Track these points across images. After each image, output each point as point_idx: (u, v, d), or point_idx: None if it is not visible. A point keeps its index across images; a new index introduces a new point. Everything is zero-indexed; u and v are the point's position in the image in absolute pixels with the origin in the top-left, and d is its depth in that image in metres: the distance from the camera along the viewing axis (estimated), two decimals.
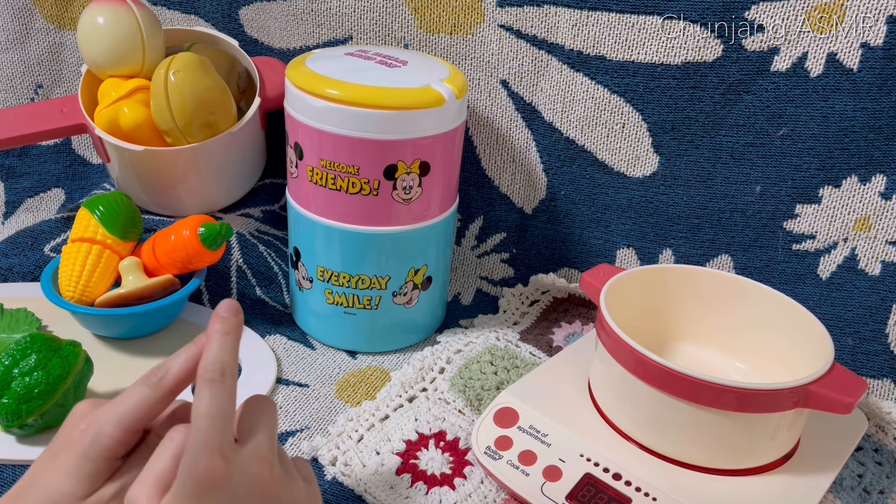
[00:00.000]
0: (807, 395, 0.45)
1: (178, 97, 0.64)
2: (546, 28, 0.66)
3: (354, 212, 0.59)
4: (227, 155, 0.71)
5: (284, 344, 0.65)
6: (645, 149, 0.67)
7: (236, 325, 0.38)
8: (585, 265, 0.73)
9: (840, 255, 0.64)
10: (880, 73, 0.59)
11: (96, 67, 0.68)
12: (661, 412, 0.48)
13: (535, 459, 0.50)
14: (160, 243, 0.62)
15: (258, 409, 0.39)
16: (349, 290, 0.62)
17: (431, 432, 0.55)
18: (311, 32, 0.73)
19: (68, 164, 0.82)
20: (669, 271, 0.58)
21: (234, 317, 0.38)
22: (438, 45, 0.69)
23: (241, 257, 0.70)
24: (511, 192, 0.74)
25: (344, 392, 0.60)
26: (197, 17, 0.77)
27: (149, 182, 0.71)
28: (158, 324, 0.63)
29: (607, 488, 0.47)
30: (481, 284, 0.77)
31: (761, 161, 0.64)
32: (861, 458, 0.55)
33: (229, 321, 0.38)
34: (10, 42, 0.79)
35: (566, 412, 0.53)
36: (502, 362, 0.62)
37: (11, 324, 0.61)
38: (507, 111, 0.70)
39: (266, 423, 0.38)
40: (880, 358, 0.63)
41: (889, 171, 0.61)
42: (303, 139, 0.58)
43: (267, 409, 0.39)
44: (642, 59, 0.64)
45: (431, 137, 0.57)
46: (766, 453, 0.49)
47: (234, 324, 0.38)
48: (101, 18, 0.66)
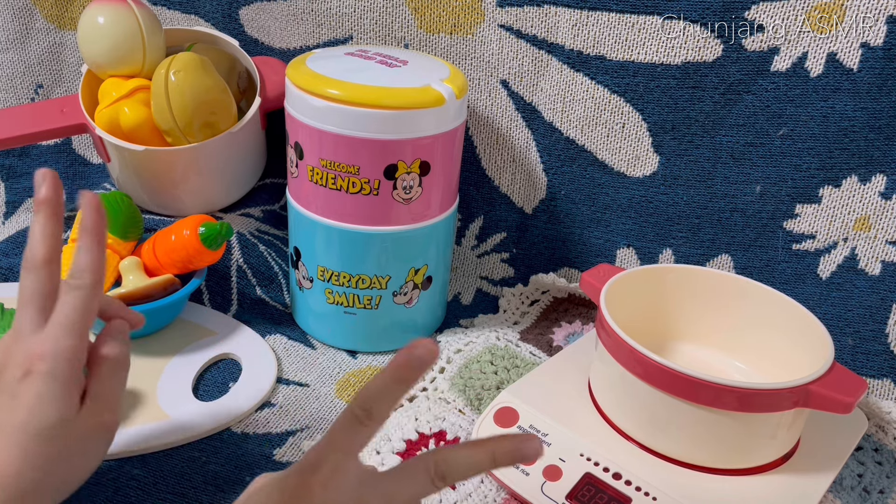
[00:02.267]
0: (807, 394, 0.45)
1: (178, 97, 0.64)
2: (546, 28, 0.66)
3: (355, 211, 0.59)
4: (227, 155, 0.71)
5: (285, 343, 0.65)
6: (645, 149, 0.67)
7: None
8: (585, 265, 0.73)
9: (840, 255, 0.64)
10: (880, 73, 0.59)
11: (97, 67, 0.68)
12: (662, 412, 0.48)
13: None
14: (160, 243, 0.62)
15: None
16: (349, 290, 0.62)
17: (432, 432, 0.55)
18: (311, 32, 0.73)
19: (69, 164, 0.82)
20: (669, 271, 0.58)
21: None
22: (438, 45, 0.69)
23: (241, 257, 0.70)
24: (511, 191, 0.74)
25: (344, 392, 0.60)
26: (197, 17, 0.77)
27: (149, 182, 0.71)
28: (158, 323, 0.63)
29: (607, 488, 0.47)
30: (481, 284, 0.77)
31: (761, 161, 0.64)
32: (861, 457, 0.55)
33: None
34: (11, 42, 0.79)
35: (566, 412, 0.53)
36: (502, 362, 0.62)
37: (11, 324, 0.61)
38: (507, 111, 0.70)
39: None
40: (880, 358, 0.63)
41: (889, 171, 0.61)
42: (303, 139, 0.58)
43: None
44: (642, 59, 0.64)
45: (431, 137, 0.57)
46: (766, 453, 0.49)
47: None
48: (102, 18, 0.66)
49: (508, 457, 0.36)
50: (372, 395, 0.35)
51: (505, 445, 0.36)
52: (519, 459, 0.36)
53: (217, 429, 0.54)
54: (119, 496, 0.48)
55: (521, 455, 0.36)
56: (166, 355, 0.61)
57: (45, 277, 0.39)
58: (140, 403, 0.55)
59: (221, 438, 0.54)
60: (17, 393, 0.36)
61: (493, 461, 0.36)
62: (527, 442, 0.36)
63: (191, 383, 0.58)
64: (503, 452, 0.36)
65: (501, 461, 0.36)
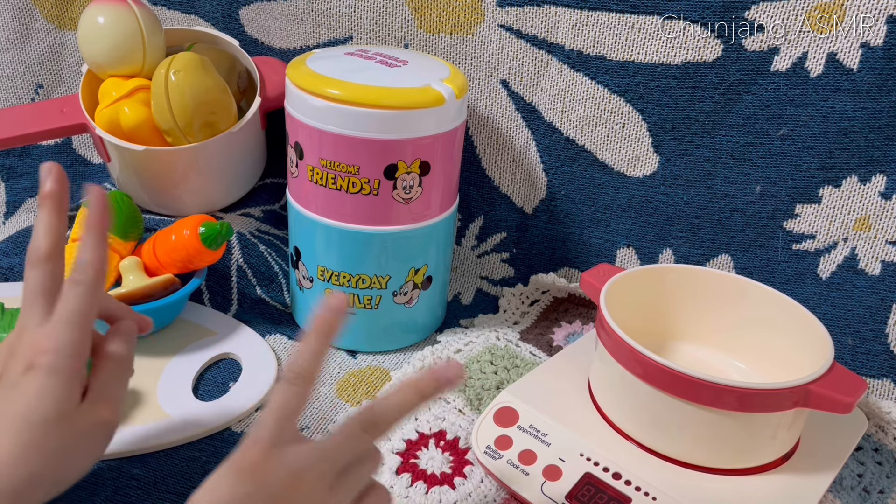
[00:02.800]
0: (807, 394, 0.45)
1: (178, 97, 0.64)
2: (546, 28, 0.66)
3: (355, 211, 0.59)
4: (227, 155, 0.71)
5: (285, 343, 0.65)
6: (645, 149, 0.67)
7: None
8: (585, 265, 0.73)
9: (840, 255, 0.64)
10: (880, 73, 0.59)
11: (97, 67, 0.68)
12: (661, 412, 0.48)
13: (534, 459, 0.50)
14: (161, 243, 0.62)
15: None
16: (349, 290, 0.62)
17: (431, 432, 0.55)
18: (311, 32, 0.73)
19: (69, 164, 0.82)
20: (669, 271, 0.58)
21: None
22: (438, 45, 0.69)
23: (241, 257, 0.70)
24: (511, 191, 0.74)
25: (344, 391, 0.60)
26: (197, 17, 0.77)
27: (149, 182, 0.71)
28: (159, 323, 0.63)
29: (607, 488, 0.47)
30: (481, 284, 0.77)
31: (761, 161, 0.64)
32: (861, 457, 0.55)
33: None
34: (11, 42, 0.79)
35: (566, 412, 0.53)
36: (502, 362, 0.62)
37: (12, 323, 0.61)
38: (507, 111, 0.70)
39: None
40: (880, 358, 0.63)
41: (889, 171, 0.61)
42: (303, 139, 0.58)
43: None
44: (642, 59, 0.64)
45: (431, 137, 0.57)
46: (766, 453, 0.49)
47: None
48: (102, 18, 0.66)
49: (433, 386, 0.38)
50: (298, 354, 0.37)
51: (427, 378, 0.38)
52: (445, 385, 0.37)
53: (217, 429, 0.54)
54: (119, 496, 0.48)
55: (446, 380, 0.37)
56: (166, 355, 0.61)
57: (48, 272, 0.39)
58: (140, 403, 0.55)
59: (221, 438, 0.54)
60: (19, 385, 0.37)
61: (420, 395, 0.38)
62: (447, 368, 0.37)
63: (191, 383, 0.58)
64: (427, 384, 0.38)
65: (428, 392, 0.38)
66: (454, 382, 0.38)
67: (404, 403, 0.38)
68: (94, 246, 0.39)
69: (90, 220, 0.40)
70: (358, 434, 0.38)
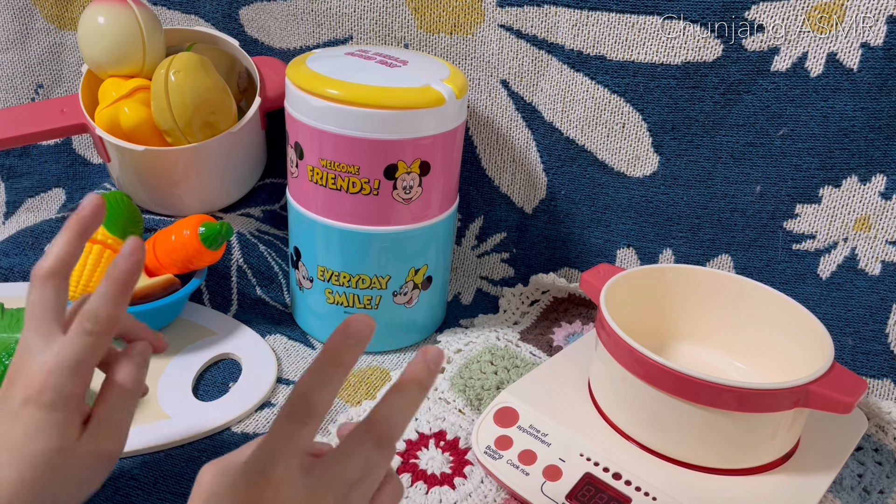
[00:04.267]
0: (807, 394, 0.45)
1: (178, 97, 0.64)
2: (546, 28, 0.66)
3: (355, 211, 0.59)
4: (227, 155, 0.71)
5: (285, 343, 0.65)
6: (645, 149, 0.67)
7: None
8: (585, 265, 0.73)
9: (840, 255, 0.64)
10: (880, 73, 0.59)
11: (97, 67, 0.68)
12: (661, 412, 0.48)
13: (535, 459, 0.50)
14: (160, 243, 0.62)
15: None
16: (349, 290, 0.62)
17: (431, 432, 0.55)
18: (311, 32, 0.73)
19: (69, 164, 0.82)
20: (669, 271, 0.58)
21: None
22: (438, 45, 0.69)
23: (241, 257, 0.70)
24: (511, 191, 0.74)
25: (344, 392, 0.60)
26: (197, 17, 0.77)
27: (149, 182, 0.71)
28: (158, 323, 0.63)
29: (607, 488, 0.47)
30: (481, 284, 0.77)
31: (761, 161, 0.64)
32: (861, 457, 0.55)
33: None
34: (11, 42, 0.79)
35: (566, 412, 0.53)
36: (502, 362, 0.62)
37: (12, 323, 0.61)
38: (507, 111, 0.70)
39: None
40: (880, 358, 0.63)
41: (889, 171, 0.61)
42: (303, 139, 0.58)
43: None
44: (642, 59, 0.64)
45: (431, 137, 0.57)
46: (766, 453, 0.49)
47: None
48: (102, 18, 0.66)
49: (430, 376, 0.35)
50: (309, 386, 0.33)
51: (418, 367, 0.35)
52: (434, 371, 0.35)
53: (217, 429, 0.54)
54: (119, 496, 0.48)
55: (434, 364, 0.35)
56: (166, 355, 0.61)
57: (53, 289, 0.39)
58: (140, 403, 0.55)
59: (221, 438, 0.54)
60: (18, 416, 0.36)
61: (421, 388, 0.35)
62: (427, 352, 0.35)
63: (191, 383, 0.58)
64: (422, 373, 0.35)
65: (427, 382, 0.35)
66: (438, 360, 0.35)
67: (411, 404, 0.35)
68: (115, 302, 0.38)
69: (118, 272, 0.38)
70: (368, 451, 0.35)
